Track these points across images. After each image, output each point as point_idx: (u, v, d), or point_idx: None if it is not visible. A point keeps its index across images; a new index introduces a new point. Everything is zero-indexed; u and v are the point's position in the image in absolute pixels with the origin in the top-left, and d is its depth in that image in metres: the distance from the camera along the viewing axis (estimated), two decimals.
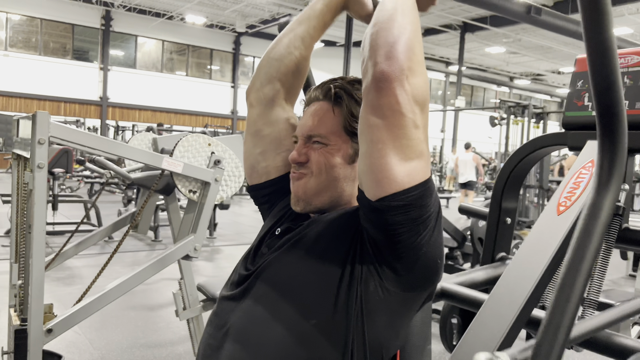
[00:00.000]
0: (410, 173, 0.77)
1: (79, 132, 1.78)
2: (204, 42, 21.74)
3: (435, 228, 0.81)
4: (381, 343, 0.83)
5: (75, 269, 5.10)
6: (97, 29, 19.61)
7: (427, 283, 0.86)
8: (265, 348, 0.83)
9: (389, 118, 0.75)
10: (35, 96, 18.29)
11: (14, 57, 18.17)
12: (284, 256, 0.90)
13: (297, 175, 0.95)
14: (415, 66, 0.76)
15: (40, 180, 1.69)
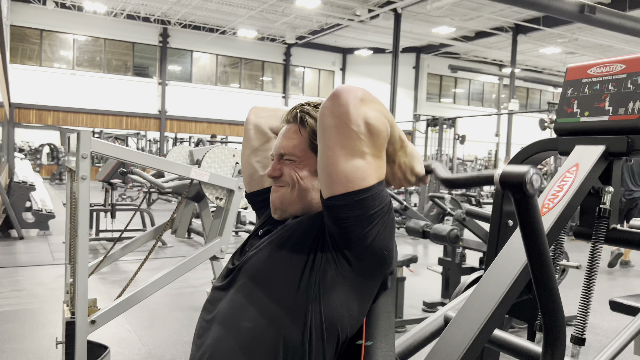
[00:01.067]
0: (354, 179, 0.92)
1: (116, 146, 2.02)
2: (256, 55, 22.39)
3: (382, 224, 0.95)
4: (335, 321, 0.98)
5: (130, 272, 5.46)
6: (155, 46, 20.64)
7: (376, 270, 1.00)
8: (242, 328, 0.99)
9: (338, 124, 0.91)
10: (100, 111, 19.45)
11: (80, 75, 19.42)
12: (261, 252, 1.06)
13: (274, 188, 1.12)
14: (371, 106, 0.93)
15: (84, 190, 1.94)
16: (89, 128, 19.10)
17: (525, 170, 0.86)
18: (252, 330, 0.98)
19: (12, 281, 4.92)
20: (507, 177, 0.86)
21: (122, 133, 19.05)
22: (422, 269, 5.50)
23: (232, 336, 0.99)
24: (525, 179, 0.83)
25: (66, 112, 19.03)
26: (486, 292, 1.46)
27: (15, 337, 3.50)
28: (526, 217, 0.89)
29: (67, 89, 18.95)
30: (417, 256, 4.04)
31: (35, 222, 7.36)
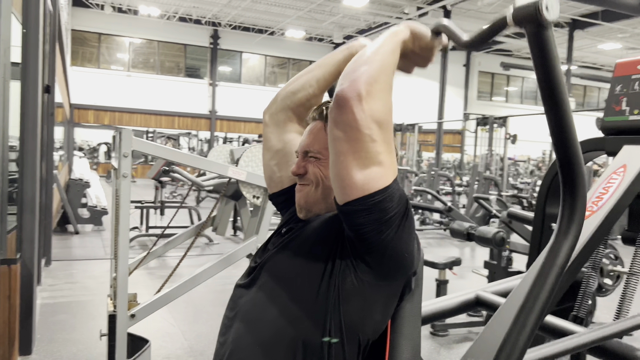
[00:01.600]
0: (369, 182, 0.89)
1: (156, 145, 2.07)
2: (304, 55, 22.52)
3: (401, 226, 0.92)
4: (356, 324, 0.96)
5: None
6: (206, 48, 21.12)
7: (397, 274, 0.97)
8: (262, 327, 0.98)
9: (347, 132, 0.88)
10: (153, 112, 20.09)
11: (135, 77, 20.13)
12: (282, 252, 1.06)
13: (299, 187, 1.10)
14: (375, 92, 0.88)
15: (125, 187, 1.99)
16: (142, 128, 19.77)
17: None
18: (272, 329, 0.98)
19: (66, 274, 5.15)
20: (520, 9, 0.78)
21: (174, 133, 19.60)
22: (467, 272, 5.36)
23: (252, 334, 0.99)
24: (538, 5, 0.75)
25: (122, 112, 19.76)
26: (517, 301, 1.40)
27: (66, 327, 3.66)
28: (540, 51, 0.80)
29: (122, 90, 19.68)
30: (460, 259, 3.94)
31: (90, 217, 7.68)
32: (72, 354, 3.20)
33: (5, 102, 2.86)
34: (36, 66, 3.07)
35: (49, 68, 4.55)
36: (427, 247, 7.63)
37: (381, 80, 0.90)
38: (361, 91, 0.87)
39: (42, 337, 3.43)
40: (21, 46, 2.97)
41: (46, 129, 4.80)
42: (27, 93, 3.05)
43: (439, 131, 17.09)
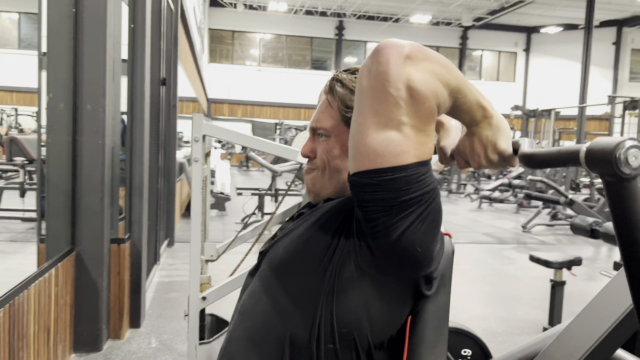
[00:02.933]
0: (384, 154, 0.74)
1: (226, 130, 2.06)
2: (430, 41, 21.81)
3: (419, 215, 0.75)
4: (350, 324, 0.82)
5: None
6: (331, 39, 21.43)
7: (404, 269, 0.81)
8: (253, 319, 0.90)
9: (373, 85, 0.74)
10: (281, 104, 20.92)
11: (265, 71, 21.11)
12: (285, 238, 0.95)
13: (307, 170, 1.00)
14: (421, 64, 0.73)
15: (197, 172, 2.02)
16: (272, 120, 20.70)
17: (616, 143, 0.61)
18: (262, 323, 0.89)
19: (185, 255, 5.53)
20: (594, 153, 0.63)
21: (301, 124, 20.23)
22: (595, 273, 4.76)
23: (244, 327, 0.91)
24: (615, 154, 0.61)
25: (253, 105, 20.87)
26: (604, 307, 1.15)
27: (175, 305, 3.91)
28: (620, 208, 0.64)
29: (253, 84, 20.76)
30: (581, 258, 3.47)
31: (214, 203, 8.19)
32: (175, 330, 3.40)
33: (116, 94, 3.10)
34: (143, 59, 3.27)
35: (167, 63, 4.87)
36: (556, 245, 6.95)
37: (436, 66, 0.74)
38: (405, 50, 0.73)
39: (153, 312, 3.69)
40: (128, 42, 3.19)
41: (167, 121, 5.18)
42: (135, 85, 3.27)
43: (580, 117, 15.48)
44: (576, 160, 0.66)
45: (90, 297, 2.87)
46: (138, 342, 3.18)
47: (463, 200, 11.65)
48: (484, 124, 0.80)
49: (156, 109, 4.32)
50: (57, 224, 2.78)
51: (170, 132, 5.40)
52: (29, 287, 2.20)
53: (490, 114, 0.79)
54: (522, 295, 4.57)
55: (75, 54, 2.71)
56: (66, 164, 2.75)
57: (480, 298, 4.48)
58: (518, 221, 8.64)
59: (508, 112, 13.30)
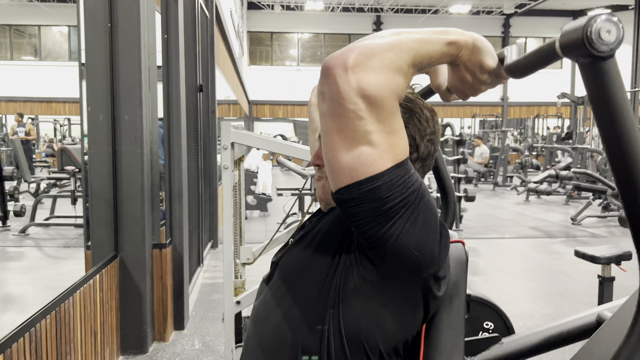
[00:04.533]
0: (357, 167, 0.73)
1: (254, 136, 2.09)
2: (470, 30, 21.29)
3: (408, 218, 0.75)
4: (358, 332, 0.82)
5: None
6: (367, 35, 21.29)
7: (405, 273, 0.80)
8: (265, 328, 0.91)
9: (331, 106, 0.74)
10: None
11: (304, 70, 21.20)
12: (294, 248, 0.97)
13: (317, 178, 1.00)
14: (369, 65, 0.72)
15: (227, 178, 2.06)
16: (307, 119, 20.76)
17: (587, 19, 0.56)
18: (274, 333, 0.90)
19: None
20: (567, 36, 0.59)
21: None
22: None
23: (257, 337, 0.93)
24: (586, 32, 0.56)
25: (293, 105, 21.01)
26: None
27: (219, 306, 3.99)
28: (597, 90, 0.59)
29: (293, 84, 20.89)
30: (630, 252, 3.31)
31: (256, 204, 8.30)
32: (218, 332, 3.47)
33: (153, 102, 3.19)
34: (178, 67, 3.35)
35: (204, 68, 4.96)
36: (608, 237, 6.66)
37: (385, 56, 0.73)
38: (348, 60, 0.71)
39: (197, 314, 3.79)
40: (161, 50, 3.27)
41: (206, 126, 5.29)
42: (170, 93, 3.35)
43: (633, 101, 14.77)
44: (553, 53, 0.62)
45: (134, 301, 2.97)
46: (182, 344, 3.27)
47: (510, 193, 11.34)
48: (462, 54, 0.78)
49: (194, 115, 4.42)
50: (100, 231, 2.89)
51: (210, 136, 5.51)
52: (75, 293, 2.30)
53: (464, 43, 0.77)
54: (570, 292, 4.41)
55: (112, 66, 2.81)
56: (107, 173, 2.86)
57: (525, 295, 4.35)
58: (567, 213, 8.33)
59: (555, 100, 12.83)
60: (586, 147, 10.58)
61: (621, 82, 0.58)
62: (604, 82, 0.57)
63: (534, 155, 15.02)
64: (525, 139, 17.82)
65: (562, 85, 20.18)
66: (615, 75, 0.57)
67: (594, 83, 0.58)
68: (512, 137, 16.60)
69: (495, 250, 6.03)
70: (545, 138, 17.99)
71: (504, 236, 6.73)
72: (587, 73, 0.58)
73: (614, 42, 0.56)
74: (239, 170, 2.41)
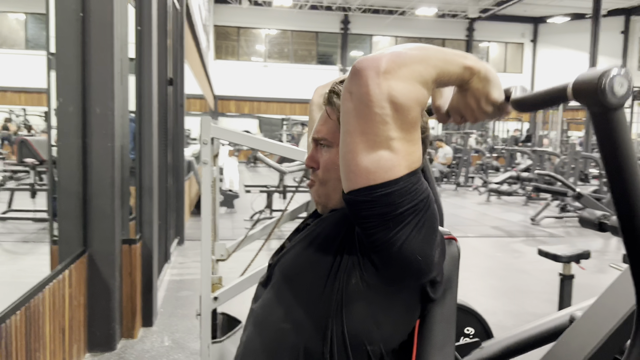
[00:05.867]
0: (376, 170, 0.76)
1: (234, 132, 2.09)
2: (436, 33, 21.71)
3: (415, 225, 0.77)
4: (360, 335, 0.84)
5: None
6: (337, 34, 21.38)
7: (407, 278, 0.83)
8: (267, 330, 0.91)
9: (357, 107, 0.75)
10: (288, 100, 20.92)
11: (271, 67, 21.12)
12: (293, 250, 0.97)
13: (311, 182, 1.00)
14: (399, 73, 0.74)
15: (206, 174, 2.04)
16: (278, 115, 20.71)
17: (602, 72, 0.61)
18: (276, 334, 0.90)
19: (196, 253, 5.57)
20: (580, 84, 0.64)
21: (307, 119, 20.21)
22: (605, 266, 4.75)
23: (259, 338, 0.93)
24: (600, 83, 0.61)
25: (259, 101, 20.90)
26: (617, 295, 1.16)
27: (187, 303, 3.95)
28: (606, 138, 0.65)
29: (260, 80, 20.78)
30: (589, 251, 3.46)
31: (223, 201, 8.22)
32: (187, 328, 3.44)
33: (124, 95, 3.13)
34: (150, 60, 3.30)
35: (174, 62, 4.89)
36: (565, 237, 6.93)
37: (414, 68, 0.75)
38: (381, 65, 0.74)
39: (165, 311, 3.74)
40: (135, 43, 3.21)
41: (175, 120, 5.21)
42: (142, 86, 3.30)
43: None
44: (564, 96, 0.66)
45: (102, 297, 2.91)
46: (151, 340, 3.22)
47: (471, 193, 11.61)
48: (473, 80, 0.80)
49: (164, 109, 4.35)
50: (69, 226, 2.82)
51: (178, 130, 5.43)
52: (44, 289, 2.24)
53: (477, 70, 0.80)
54: (531, 289, 4.57)
55: (84, 58, 2.74)
56: (77, 166, 2.79)
57: (489, 292, 4.48)
58: (527, 214, 8.61)
59: None
60: (545, 150, 10.95)
61: (627, 130, 0.64)
62: (613, 129, 0.63)
63: (494, 157, 15.43)
64: (486, 141, 18.28)
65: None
66: (622, 123, 0.63)
67: (604, 130, 0.64)
68: (474, 139, 16.99)
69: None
70: (505, 140, 18.50)
71: (467, 235, 6.90)
72: (598, 120, 0.64)
73: (624, 96, 0.61)
74: (216, 166, 2.40)
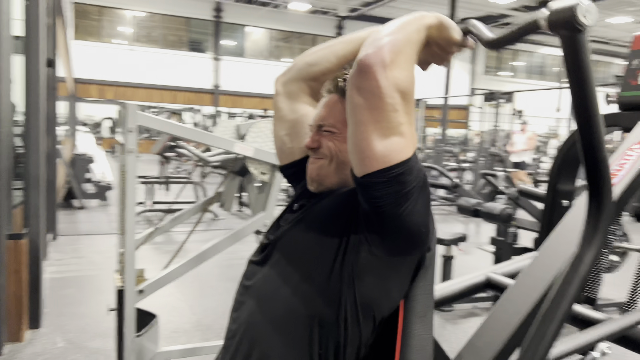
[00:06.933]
0: (390, 153, 0.86)
1: (162, 120, 2.04)
2: (308, 28, 22.21)
3: (419, 200, 0.90)
4: (371, 301, 0.95)
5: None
6: (209, 21, 20.85)
7: (411, 248, 0.95)
8: (275, 304, 0.97)
9: (369, 100, 0.84)
10: (156, 86, 19.96)
11: (138, 51, 19.94)
12: (295, 228, 1.03)
13: (312, 160, 1.08)
14: (399, 62, 0.85)
15: (131, 162, 1.97)
16: (146, 102, 19.68)
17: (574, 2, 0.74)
18: (285, 307, 0.96)
19: (73, 249, 5.18)
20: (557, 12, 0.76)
21: (178, 108, 19.49)
22: (473, 248, 5.37)
23: (265, 312, 0.98)
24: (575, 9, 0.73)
25: (125, 86, 19.65)
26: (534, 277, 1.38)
27: (74, 302, 3.70)
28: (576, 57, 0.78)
29: (126, 64, 19.53)
30: (466, 235, 3.93)
31: (95, 192, 7.69)
32: (81, 327, 3.23)
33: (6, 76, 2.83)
34: (37, 39, 3.02)
35: (51, 41, 4.48)
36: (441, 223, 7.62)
37: (406, 51, 0.87)
38: (385, 58, 0.83)
39: (51, 311, 3.46)
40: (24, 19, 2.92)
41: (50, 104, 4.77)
42: (30, 67, 3.01)
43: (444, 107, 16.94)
44: (537, 26, 0.79)
45: None
46: (42, 343, 2.98)
47: None
48: (432, 33, 0.95)
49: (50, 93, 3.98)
50: None
51: (52, 115, 4.98)
52: None
53: (436, 23, 0.94)
54: None
55: None
56: None
57: None
58: None
59: None
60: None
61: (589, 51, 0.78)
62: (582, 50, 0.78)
63: None
64: None
65: None
66: (588, 45, 0.78)
67: (574, 52, 0.78)
68: None
69: None
70: None
71: None
72: (570, 43, 0.77)
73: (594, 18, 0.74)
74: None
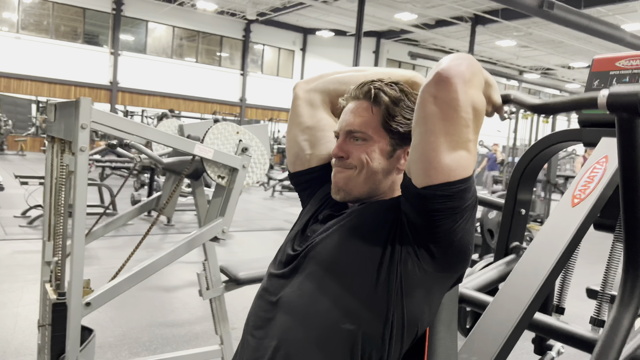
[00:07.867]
0: (456, 168, 0.86)
1: (120, 118, 1.88)
2: (214, 29, 21.76)
3: (470, 218, 0.91)
4: (417, 317, 0.93)
5: (92, 250, 5.20)
6: (108, 14, 19.66)
7: (458, 266, 0.95)
8: (312, 319, 0.92)
9: (445, 111, 0.84)
10: (46, 79, 18.41)
11: (25, 39, 18.27)
12: (329, 239, 0.99)
13: (339, 169, 1.04)
14: (475, 82, 0.87)
15: (82, 162, 1.79)
16: (33, 96, 18.09)
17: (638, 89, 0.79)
18: (326, 321, 0.91)
19: None
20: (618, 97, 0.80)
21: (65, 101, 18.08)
22: None
23: (302, 327, 0.92)
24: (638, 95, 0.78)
25: (9, 78, 17.91)
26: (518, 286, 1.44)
27: None
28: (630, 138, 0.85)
29: (10, 54, 17.80)
30: None
31: None
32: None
33: None
34: None
35: None
36: None
37: (479, 77, 0.90)
38: (466, 75, 0.85)
39: None
40: None
41: None
42: None
43: None
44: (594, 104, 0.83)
45: None
46: None
47: (256, 189, 12.07)
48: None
49: None
50: None
51: None
52: None
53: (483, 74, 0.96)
54: None
55: None
56: None
57: None
58: None
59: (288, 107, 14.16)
60: None
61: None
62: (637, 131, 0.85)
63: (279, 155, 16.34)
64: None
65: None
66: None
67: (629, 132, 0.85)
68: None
69: (261, 242, 6.42)
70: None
71: (264, 228, 7.21)
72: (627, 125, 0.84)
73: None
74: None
